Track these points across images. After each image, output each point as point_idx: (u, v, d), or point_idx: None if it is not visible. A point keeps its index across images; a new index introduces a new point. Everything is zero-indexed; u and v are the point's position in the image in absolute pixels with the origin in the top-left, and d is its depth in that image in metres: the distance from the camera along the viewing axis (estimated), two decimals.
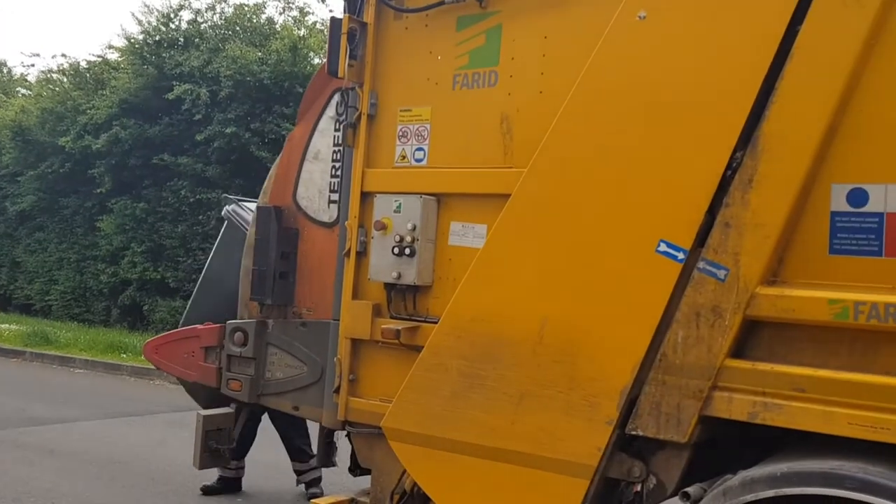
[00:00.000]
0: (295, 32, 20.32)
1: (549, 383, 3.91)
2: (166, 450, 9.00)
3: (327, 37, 4.82)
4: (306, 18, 21.54)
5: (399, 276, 4.44)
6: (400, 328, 4.38)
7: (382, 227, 4.49)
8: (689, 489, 3.54)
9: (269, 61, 19.06)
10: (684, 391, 3.61)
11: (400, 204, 4.47)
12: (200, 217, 19.53)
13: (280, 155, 5.41)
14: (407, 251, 4.41)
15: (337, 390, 4.70)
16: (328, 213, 5.09)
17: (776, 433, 3.51)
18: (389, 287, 4.55)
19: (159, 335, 5.75)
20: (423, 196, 4.43)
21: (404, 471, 4.45)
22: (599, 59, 3.91)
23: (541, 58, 4.23)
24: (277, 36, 20.16)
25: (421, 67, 4.59)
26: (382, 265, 4.50)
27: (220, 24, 20.90)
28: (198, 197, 19.32)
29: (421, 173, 4.55)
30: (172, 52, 19.83)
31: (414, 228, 4.40)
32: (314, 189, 5.16)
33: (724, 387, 3.54)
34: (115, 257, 20.30)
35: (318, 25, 21.56)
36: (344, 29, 4.67)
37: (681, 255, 3.65)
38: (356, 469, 5.46)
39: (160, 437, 9.74)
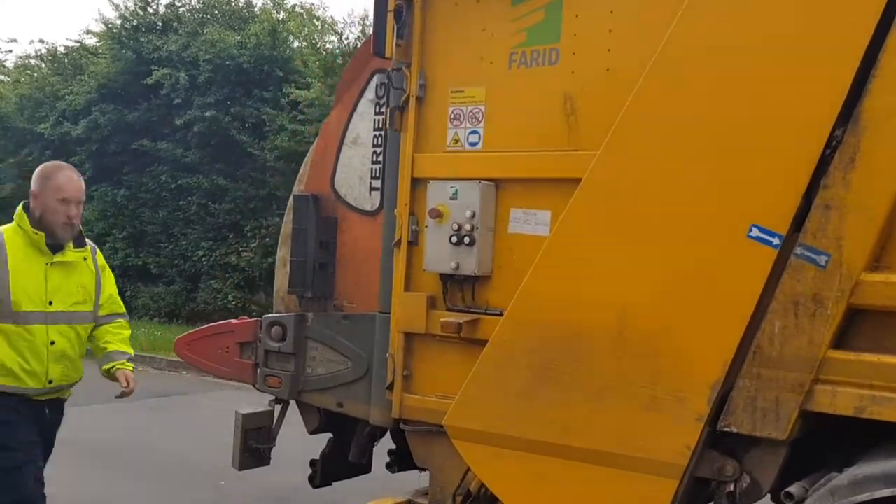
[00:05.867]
0: (274, 16, 20.15)
1: (630, 378, 3.69)
2: (151, 437, 8.91)
3: (371, 16, 4.55)
4: (285, 1, 21.25)
5: (458, 267, 4.19)
6: (462, 321, 4.14)
7: (438, 214, 4.24)
8: (792, 489, 3.35)
9: (249, 45, 18.91)
10: (783, 385, 3.41)
11: (456, 190, 4.23)
12: (181, 202, 19.31)
13: (316, 140, 5.14)
14: (466, 240, 4.16)
15: (390, 387, 4.46)
16: (370, 201, 4.83)
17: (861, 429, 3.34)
18: (446, 278, 4.30)
19: (191, 331, 5.47)
20: (482, 182, 4.19)
21: (467, 470, 4.23)
22: (681, 29, 3.66)
23: (607, 34, 3.99)
24: (256, 19, 19.98)
25: (473, 46, 4.33)
26: (439, 255, 4.25)
27: (198, 7, 20.61)
28: (178, 182, 19.11)
29: (477, 158, 4.30)
30: (151, 37, 19.56)
31: (473, 216, 4.16)
32: (354, 176, 4.90)
33: (826, 380, 3.35)
34: (96, 244, 19.83)
35: (296, 9, 21.29)
36: (390, 6, 4.41)
37: (776, 241, 3.44)
38: (395, 466, 5.27)
39: (145, 423, 9.61)
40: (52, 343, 4.42)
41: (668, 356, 3.62)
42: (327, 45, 20.48)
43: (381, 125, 4.80)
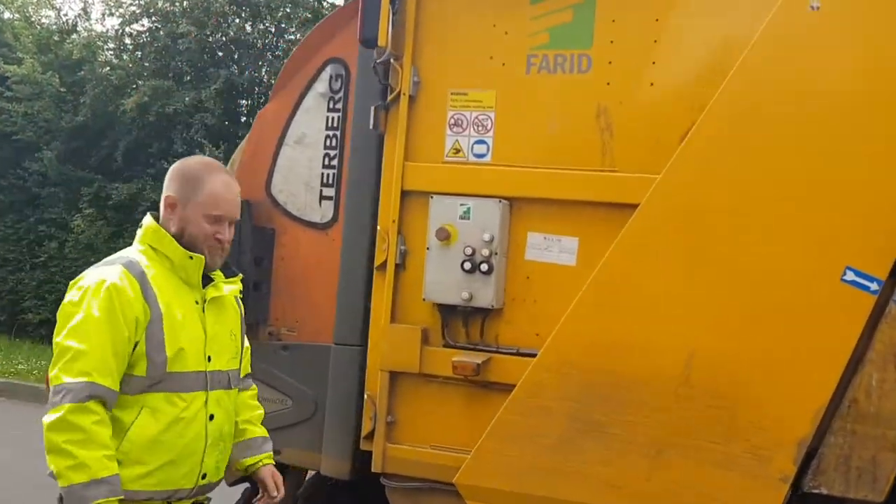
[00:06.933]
0: None
1: (699, 432, 3.30)
2: None
3: None
4: None
5: (471, 298, 3.60)
6: (479, 362, 3.56)
7: (446, 235, 3.63)
8: None
9: None
10: (881, 443, 3.15)
11: (469, 209, 3.64)
12: None
13: (247, 136, 4.31)
14: (483, 267, 3.58)
15: (369, 436, 3.77)
16: (320, 212, 4.11)
17: None
18: (447, 309, 3.70)
19: None
20: (502, 201, 3.63)
21: None
22: (762, 52, 3.32)
23: (652, 44, 3.58)
24: None
25: (482, 43, 3.77)
26: (447, 283, 3.63)
27: None
28: None
29: (485, 171, 3.73)
30: None
31: (491, 240, 3.59)
32: (298, 181, 4.15)
33: None
34: None
35: None
36: None
37: (874, 286, 3.18)
38: None
39: None
40: (212, 418, 2.93)
41: (747, 409, 3.25)
42: (43, 20, 18.68)
43: (336, 124, 4.12)
